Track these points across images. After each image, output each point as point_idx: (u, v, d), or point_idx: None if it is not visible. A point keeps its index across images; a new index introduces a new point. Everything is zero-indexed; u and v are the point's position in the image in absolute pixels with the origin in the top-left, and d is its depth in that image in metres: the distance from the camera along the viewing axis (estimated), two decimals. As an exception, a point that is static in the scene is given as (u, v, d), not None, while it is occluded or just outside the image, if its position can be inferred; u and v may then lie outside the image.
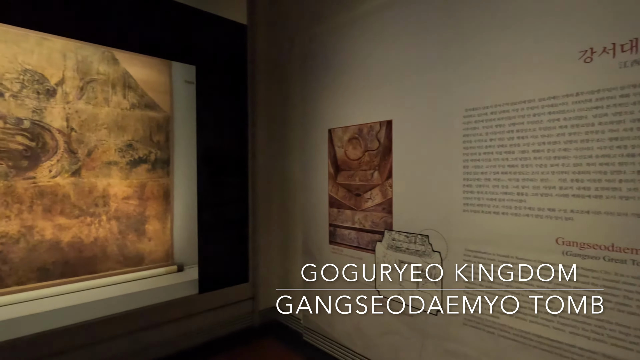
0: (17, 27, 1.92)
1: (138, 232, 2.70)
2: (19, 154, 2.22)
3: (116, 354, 1.99)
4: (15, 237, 2.22)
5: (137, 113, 2.67)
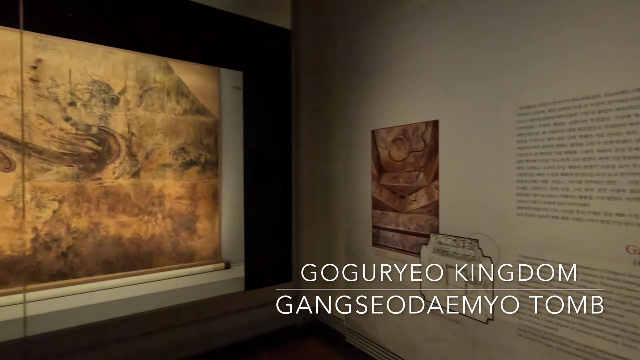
0: (87, 43, 2.13)
1: (189, 230, 2.86)
2: (88, 157, 2.45)
3: (168, 345, 2.12)
4: (84, 232, 2.45)
5: (189, 118, 2.83)
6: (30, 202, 2.27)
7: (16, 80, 2.21)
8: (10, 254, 2.21)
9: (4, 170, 2.19)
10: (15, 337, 1.77)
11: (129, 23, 2.10)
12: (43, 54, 2.28)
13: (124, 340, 1.99)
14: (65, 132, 2.37)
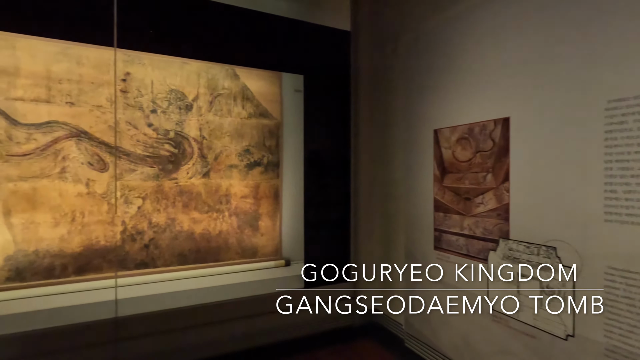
0: (166, 56, 2.36)
1: (253, 228, 3.02)
2: (166, 159, 2.71)
3: (230, 335, 2.26)
4: (163, 227, 2.71)
5: (253, 121, 2.99)
6: (120, 198, 2.57)
7: (110, 92, 2.52)
8: (104, 243, 2.53)
9: (100, 170, 2.52)
10: (108, 316, 2.03)
11: (201, 36, 2.29)
12: (131, 67, 2.58)
13: (194, 327, 2.17)
14: (148, 137, 2.65)
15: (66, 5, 1.99)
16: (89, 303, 2.17)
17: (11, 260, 2.30)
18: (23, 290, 2.28)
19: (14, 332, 1.88)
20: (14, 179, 2.30)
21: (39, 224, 2.36)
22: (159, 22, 2.16)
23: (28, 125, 2.33)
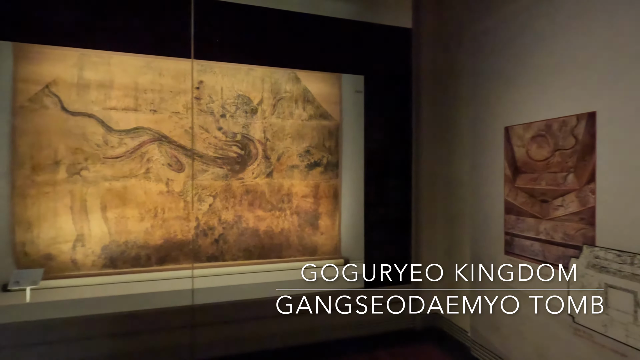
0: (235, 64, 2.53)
1: (313, 226, 3.10)
2: (233, 160, 2.90)
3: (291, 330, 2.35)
4: (231, 223, 2.90)
5: (313, 123, 3.07)
6: (194, 196, 2.81)
7: (186, 99, 2.77)
8: (180, 237, 2.78)
9: (178, 171, 2.77)
10: (185, 304, 2.23)
11: (266, 43, 2.41)
12: (203, 76, 2.80)
13: (260, 318, 2.29)
14: (218, 140, 2.85)
15: (150, 24, 2.23)
16: (168, 291, 2.40)
17: (106, 250, 2.63)
18: (115, 276, 2.60)
19: (108, 312, 2.14)
20: (109, 178, 2.63)
21: (128, 218, 2.67)
22: (230, 33, 2.32)
23: (120, 131, 2.65)
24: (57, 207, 2.52)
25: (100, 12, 2.15)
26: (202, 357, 2.19)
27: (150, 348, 2.14)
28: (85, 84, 2.56)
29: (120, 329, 2.12)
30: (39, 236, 2.49)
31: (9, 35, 2.20)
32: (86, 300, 2.25)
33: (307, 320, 2.40)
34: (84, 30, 2.14)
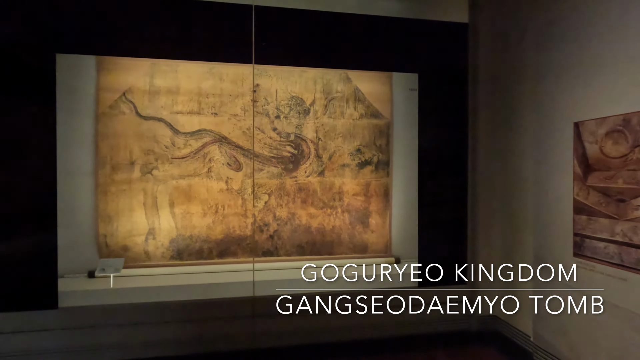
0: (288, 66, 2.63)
1: (363, 225, 3.13)
2: (287, 160, 3.02)
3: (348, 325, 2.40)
4: (284, 220, 3.02)
5: (364, 122, 3.10)
6: (251, 194, 2.96)
7: (243, 102, 2.92)
8: (239, 233, 2.95)
9: (236, 170, 2.94)
10: (247, 295, 2.37)
11: (320, 46, 2.49)
12: (259, 79, 2.94)
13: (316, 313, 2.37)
14: (273, 140, 2.98)
15: (215, 33, 2.39)
16: (230, 282, 2.56)
17: (174, 243, 2.86)
18: (181, 267, 2.82)
19: (177, 300, 2.33)
20: (176, 177, 2.85)
21: (192, 214, 2.88)
22: (286, 38, 2.42)
23: (185, 134, 2.86)
24: (133, 203, 2.79)
25: (170, 24, 2.34)
26: (262, 346, 2.31)
27: (215, 335, 2.31)
28: (155, 90, 2.80)
29: (188, 316, 2.30)
30: (117, 229, 2.77)
31: (94, 50, 2.47)
32: (158, 288, 2.47)
33: (361, 317, 2.44)
34: (156, 41, 2.35)
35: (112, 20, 2.29)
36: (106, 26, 2.31)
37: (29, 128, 2.17)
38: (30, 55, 2.17)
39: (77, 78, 2.61)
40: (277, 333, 2.33)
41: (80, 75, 2.64)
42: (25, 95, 2.16)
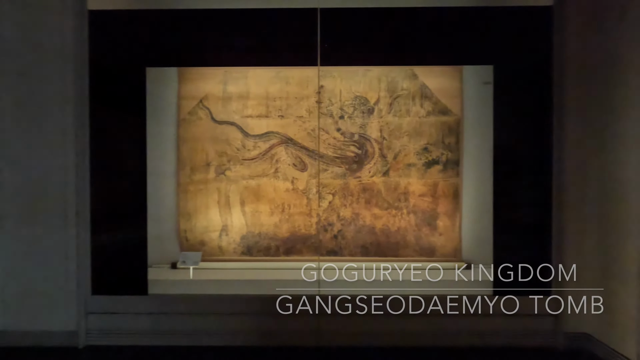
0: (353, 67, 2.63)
1: (431, 227, 3.00)
2: (351, 160, 3.01)
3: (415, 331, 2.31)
4: (348, 220, 3.02)
5: (431, 119, 2.97)
6: (315, 194, 3.02)
7: (308, 104, 2.99)
8: (304, 232, 3.02)
9: (301, 170, 3.02)
10: (313, 293, 2.42)
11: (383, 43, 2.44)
12: (324, 81, 2.97)
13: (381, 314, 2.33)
14: (337, 140, 3.00)
15: (281, 38, 2.48)
16: (295, 279, 2.62)
17: (244, 239, 3.03)
18: (251, 263, 2.98)
19: (248, 293, 2.46)
20: (246, 177, 3.02)
21: (261, 212, 3.02)
22: (351, 38, 2.42)
23: (254, 136, 3.01)
24: (208, 202, 3.02)
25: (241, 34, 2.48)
26: (327, 344, 2.34)
27: (282, 329, 2.39)
28: (228, 96, 3.00)
29: (257, 309, 2.41)
30: (195, 225, 3.02)
31: (175, 62, 2.73)
32: (230, 281, 2.63)
33: (426, 322, 2.34)
34: (230, 51, 2.51)
35: (191, 34, 2.50)
36: (186, 40, 2.53)
37: (124, 135, 2.47)
38: (124, 70, 2.46)
39: (162, 88, 2.90)
40: (342, 332, 2.34)
41: (164, 85, 2.93)
42: (121, 106, 2.46)
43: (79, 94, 2.34)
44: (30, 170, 2.35)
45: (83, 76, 2.35)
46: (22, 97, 2.34)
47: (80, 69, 2.34)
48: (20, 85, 2.34)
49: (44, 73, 2.33)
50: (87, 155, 2.37)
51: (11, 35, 2.32)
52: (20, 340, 2.34)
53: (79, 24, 2.33)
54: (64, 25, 2.31)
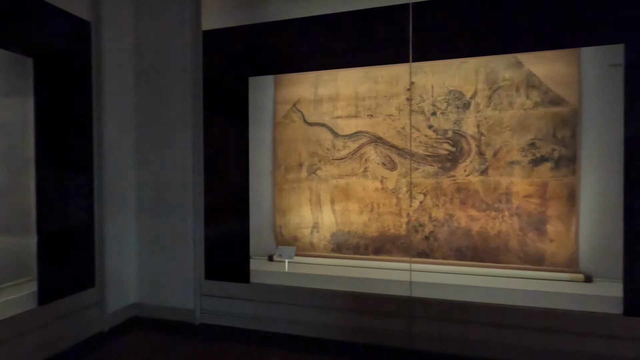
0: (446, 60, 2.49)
1: (538, 232, 2.67)
2: (444, 158, 2.86)
3: (519, 344, 2.09)
4: (441, 221, 2.88)
5: (539, 111, 2.65)
6: (405, 194, 2.95)
7: (398, 102, 2.94)
8: (393, 232, 2.98)
9: (391, 169, 2.98)
10: (404, 294, 2.37)
11: (482, 32, 2.25)
12: (414, 77, 2.89)
13: (478, 323, 2.17)
14: (428, 138, 2.88)
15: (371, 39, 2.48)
16: (385, 279, 2.60)
17: (334, 237, 3.12)
18: (340, 260, 3.05)
19: (338, 289, 2.52)
20: (336, 176, 3.10)
21: (350, 211, 3.07)
22: (444, 30, 2.30)
23: (344, 136, 3.08)
24: (301, 200, 3.19)
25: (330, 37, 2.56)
26: (420, 348, 2.27)
27: (371, 328, 2.39)
28: (319, 99, 3.13)
29: (346, 305, 2.46)
30: (289, 221, 3.22)
31: (273, 70, 2.93)
32: (321, 276, 2.73)
33: (538, 339, 2.10)
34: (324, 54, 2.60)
35: (286, 43, 2.66)
36: (283, 49, 2.70)
37: (230, 139, 2.76)
38: (230, 81, 2.75)
39: (260, 95, 3.16)
40: (435, 338, 2.24)
41: (263, 92, 3.20)
42: (228, 114, 2.75)
43: (195, 106, 2.70)
44: (158, 172, 2.80)
45: (198, 90, 2.71)
46: (153, 113, 2.80)
47: (196, 84, 2.70)
48: (151, 103, 2.80)
49: (169, 90, 2.75)
50: (201, 158, 2.72)
51: (147, 61, 2.80)
52: (151, 312, 2.81)
53: (196, 44, 2.69)
54: (184, 47, 2.69)
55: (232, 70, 2.73)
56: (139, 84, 2.82)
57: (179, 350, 2.32)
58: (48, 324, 2.22)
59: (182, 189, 2.73)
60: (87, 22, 2.49)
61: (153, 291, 2.82)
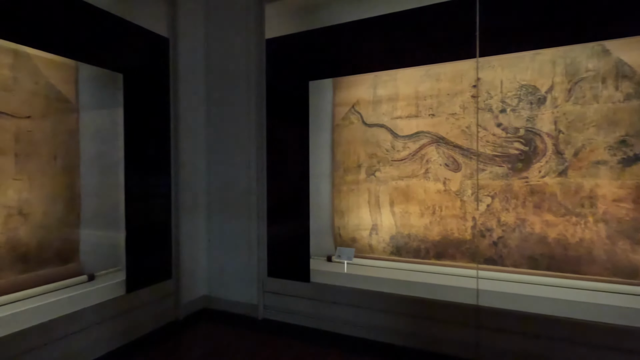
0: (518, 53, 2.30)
1: (632, 241, 2.35)
2: (515, 158, 2.65)
3: None
4: (512, 226, 2.67)
5: (633, 104, 2.33)
6: (470, 196, 2.79)
7: (462, 100, 2.79)
8: (457, 236, 2.83)
9: (454, 171, 2.84)
10: (469, 302, 2.25)
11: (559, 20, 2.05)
12: (481, 73, 2.72)
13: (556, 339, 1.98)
14: (497, 137, 2.69)
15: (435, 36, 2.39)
16: (448, 285, 2.48)
17: (393, 239, 3.06)
18: (399, 263, 2.98)
19: (398, 294, 2.46)
20: (395, 178, 3.04)
21: (410, 213, 2.99)
22: (516, 21, 2.14)
23: (403, 137, 3.01)
24: (359, 201, 3.18)
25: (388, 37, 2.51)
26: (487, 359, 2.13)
27: (434, 335, 2.30)
28: (378, 100, 3.09)
29: (406, 310, 2.40)
30: (348, 223, 3.23)
31: (331, 73, 2.97)
32: (380, 279, 2.69)
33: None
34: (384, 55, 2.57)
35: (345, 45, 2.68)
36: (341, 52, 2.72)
37: (291, 142, 2.85)
38: (291, 86, 2.84)
39: (320, 98, 3.22)
40: (505, 351, 2.09)
41: (322, 95, 3.25)
42: (289, 118, 2.84)
43: (259, 112, 2.84)
44: (226, 175, 2.99)
45: (262, 97, 2.84)
46: (221, 120, 3.00)
47: (260, 91, 2.84)
48: (219, 111, 3.01)
49: (234, 98, 2.93)
50: (264, 161, 2.85)
51: (216, 71, 3.01)
52: (218, 305, 3.00)
53: (259, 52, 2.83)
54: (249, 56, 2.85)
55: (293, 76, 2.82)
56: (209, 93, 3.04)
57: (244, 344, 2.45)
58: (132, 310, 2.48)
59: (247, 191, 2.88)
60: (166, 39, 2.75)
61: (220, 285, 3.02)
